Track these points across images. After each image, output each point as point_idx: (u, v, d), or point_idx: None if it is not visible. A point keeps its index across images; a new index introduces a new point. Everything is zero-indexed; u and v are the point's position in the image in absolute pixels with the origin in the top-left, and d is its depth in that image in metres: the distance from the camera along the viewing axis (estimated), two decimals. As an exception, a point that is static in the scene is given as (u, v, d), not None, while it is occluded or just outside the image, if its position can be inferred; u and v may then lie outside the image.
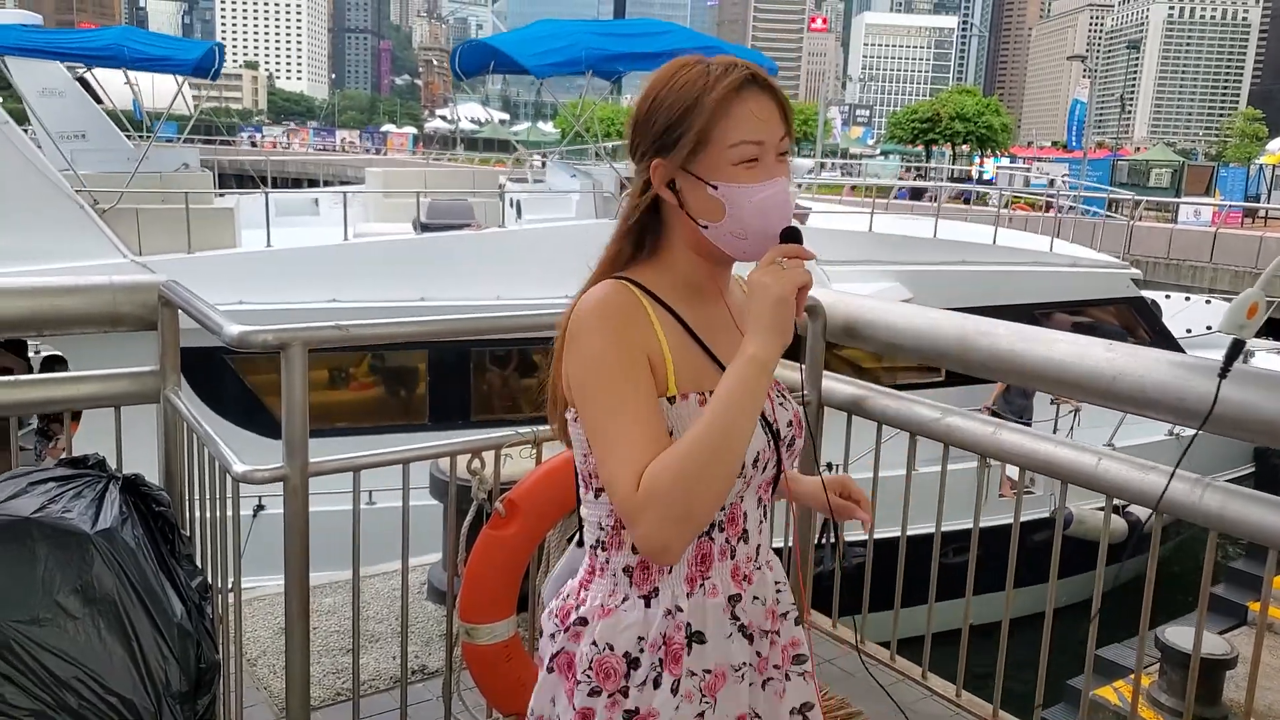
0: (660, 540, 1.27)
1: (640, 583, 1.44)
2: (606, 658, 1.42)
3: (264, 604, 3.81)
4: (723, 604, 1.46)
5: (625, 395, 1.32)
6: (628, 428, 1.31)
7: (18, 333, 2.93)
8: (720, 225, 1.38)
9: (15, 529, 2.15)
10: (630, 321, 1.37)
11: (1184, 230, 25.46)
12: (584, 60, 10.64)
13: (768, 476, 1.49)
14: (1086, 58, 69.19)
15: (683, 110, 1.36)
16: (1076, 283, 11.32)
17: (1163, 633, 4.46)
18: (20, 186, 7.87)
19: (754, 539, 1.50)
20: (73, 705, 2.12)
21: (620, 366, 1.34)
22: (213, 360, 7.04)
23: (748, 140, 1.36)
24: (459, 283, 8.39)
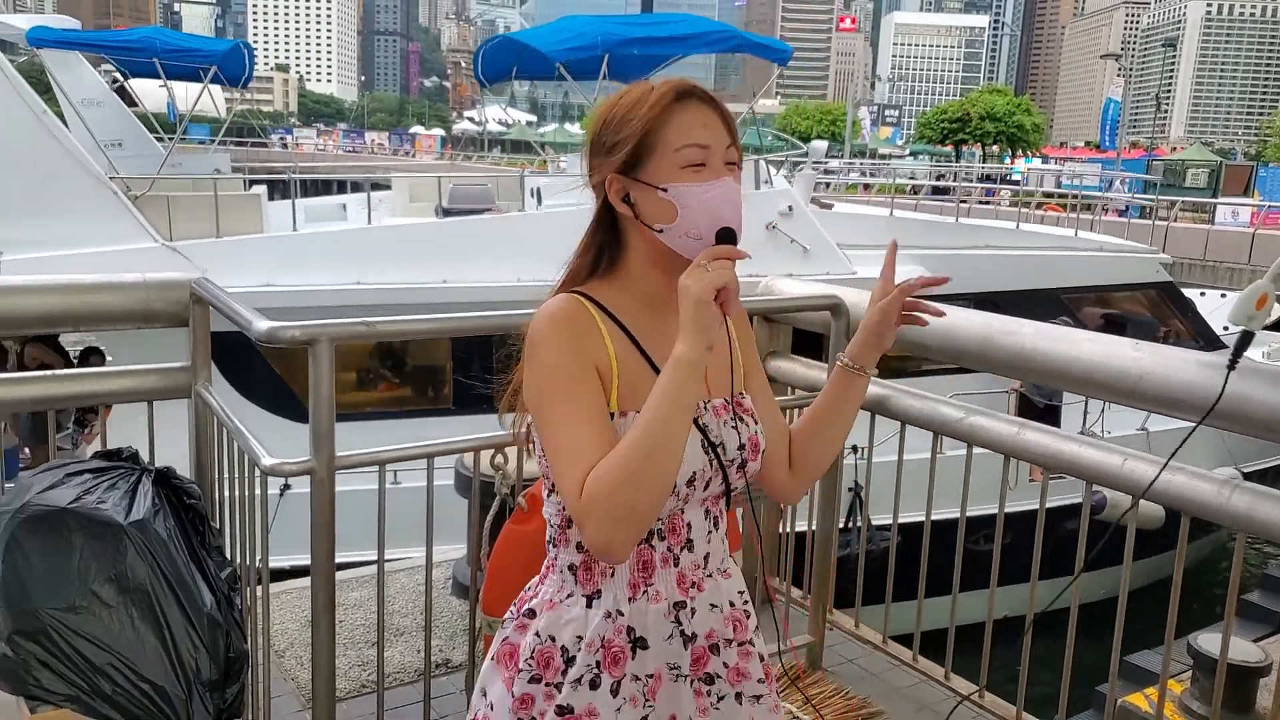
0: (604, 540, 1.32)
1: (584, 582, 1.49)
2: (548, 648, 1.47)
3: (291, 597, 3.87)
4: (665, 609, 1.48)
5: (573, 403, 1.38)
6: (575, 433, 1.36)
7: (54, 328, 3.00)
8: (674, 227, 1.42)
9: (53, 519, 2.20)
10: (580, 333, 1.43)
11: (1221, 231, 25.07)
12: (600, 45, 10.75)
13: (713, 493, 1.51)
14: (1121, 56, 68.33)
15: (630, 122, 1.43)
16: (1104, 267, 11.16)
17: (1195, 639, 4.41)
18: (57, 174, 8.07)
19: (700, 548, 1.52)
20: (107, 691, 2.17)
21: (569, 375, 1.40)
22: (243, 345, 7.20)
23: (692, 144, 1.42)
24: (480, 265, 8.51)
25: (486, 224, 9.55)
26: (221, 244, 8.54)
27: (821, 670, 3.36)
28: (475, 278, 8.36)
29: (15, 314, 2.72)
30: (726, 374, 1.54)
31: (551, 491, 1.51)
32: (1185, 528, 2.42)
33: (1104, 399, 2.58)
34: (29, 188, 7.94)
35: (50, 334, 8.85)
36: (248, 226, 9.33)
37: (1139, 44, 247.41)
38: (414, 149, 61.92)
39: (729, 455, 1.50)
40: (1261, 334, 12.17)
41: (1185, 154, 46.61)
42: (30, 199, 7.91)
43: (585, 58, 11.04)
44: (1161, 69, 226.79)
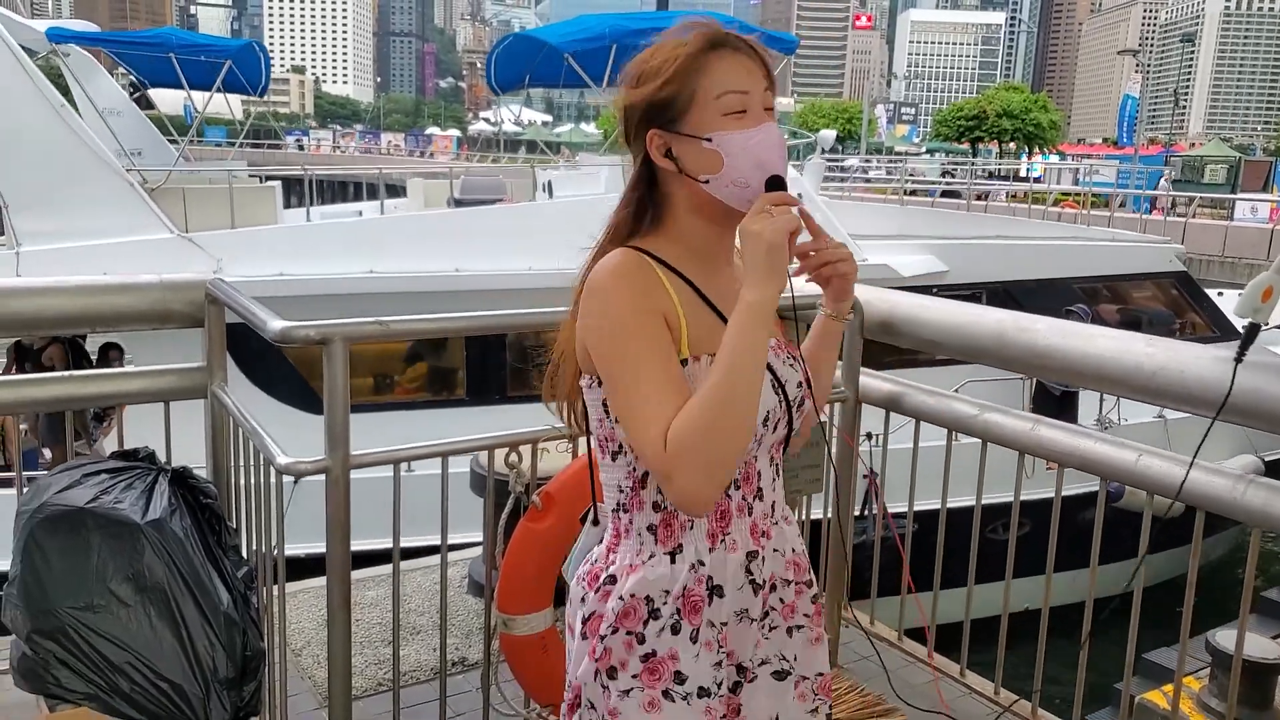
0: (693, 492, 1.32)
1: (664, 539, 1.48)
2: (631, 603, 1.48)
3: (308, 596, 3.89)
4: (741, 559, 1.50)
5: (645, 357, 1.37)
6: (651, 388, 1.35)
7: (71, 329, 3.04)
8: (720, 176, 1.42)
9: (70, 518, 2.23)
10: (646, 284, 1.42)
11: (1240, 227, 24.86)
12: (608, 35, 10.82)
13: (779, 436, 1.53)
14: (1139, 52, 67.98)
15: (668, 76, 1.42)
16: (1117, 257, 11.07)
17: (1213, 636, 4.39)
18: (74, 166, 8.14)
19: (769, 496, 1.54)
20: (125, 689, 2.20)
21: (639, 328, 1.38)
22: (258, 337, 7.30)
23: (732, 90, 1.41)
24: (491, 255, 8.54)
25: (498, 214, 9.60)
26: (236, 235, 8.62)
27: (837, 667, 3.35)
28: (487, 267, 8.39)
29: (34, 315, 2.75)
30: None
31: (616, 456, 1.50)
32: (1200, 523, 2.41)
33: (1118, 395, 2.57)
34: (47, 180, 8.01)
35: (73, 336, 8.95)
36: (262, 218, 9.43)
37: (1157, 39, 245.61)
38: (430, 150, 62.11)
39: (791, 395, 1.52)
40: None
41: (1204, 150, 46.27)
42: (48, 191, 7.99)
43: (594, 49, 11.07)
44: (1180, 64, 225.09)
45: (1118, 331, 2.60)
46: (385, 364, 8.83)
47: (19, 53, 8.07)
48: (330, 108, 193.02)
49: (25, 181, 7.99)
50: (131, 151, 12.44)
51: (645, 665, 1.46)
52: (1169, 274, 11.25)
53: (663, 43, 1.46)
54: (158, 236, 8.13)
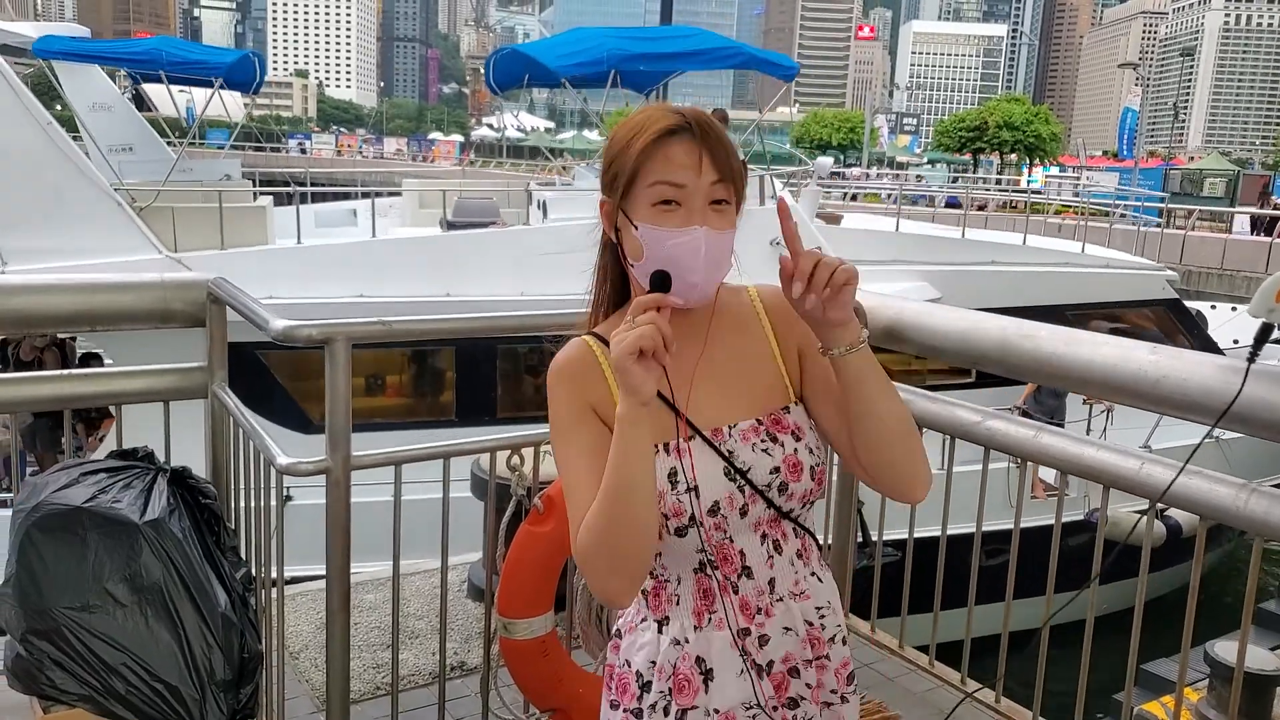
0: (601, 589, 1.36)
1: (654, 607, 1.50)
2: (624, 673, 1.50)
3: (306, 599, 3.87)
4: (729, 638, 1.46)
5: (570, 452, 1.42)
6: (573, 482, 1.40)
7: (72, 328, 3.02)
8: (641, 266, 1.39)
9: (67, 518, 2.21)
10: (577, 380, 1.44)
11: (1239, 240, 24.91)
12: (606, 61, 10.79)
13: (761, 517, 1.46)
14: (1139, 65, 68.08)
15: (619, 150, 1.41)
16: (1110, 284, 11.11)
17: (1212, 647, 4.37)
18: (62, 185, 8.13)
19: (762, 573, 1.47)
20: (120, 691, 2.18)
21: (566, 425, 1.43)
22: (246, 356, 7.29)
23: (664, 181, 1.36)
24: (484, 279, 8.54)
25: (491, 237, 9.59)
26: (225, 256, 8.56)
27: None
28: (479, 291, 8.38)
29: (35, 313, 2.74)
30: (761, 391, 1.49)
31: None
32: (1203, 533, 2.40)
33: (1122, 403, 2.55)
34: (34, 199, 7.99)
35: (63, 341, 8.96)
36: (253, 238, 9.37)
37: (1157, 53, 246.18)
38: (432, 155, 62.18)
39: (761, 480, 1.44)
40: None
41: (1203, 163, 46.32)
42: (35, 210, 7.96)
43: (592, 74, 11.07)
44: (1179, 78, 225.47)
45: (1121, 339, 2.59)
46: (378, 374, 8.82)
47: (6, 71, 8.05)
48: (333, 112, 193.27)
49: (12, 200, 7.96)
50: (122, 147, 12.36)
51: None
52: (1160, 301, 11.29)
53: (640, 113, 1.43)
54: (146, 257, 8.12)
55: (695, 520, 1.41)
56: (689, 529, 1.41)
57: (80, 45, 12.43)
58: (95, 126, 12.39)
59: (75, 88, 12.65)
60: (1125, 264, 11.67)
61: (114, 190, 8.64)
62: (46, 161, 8.09)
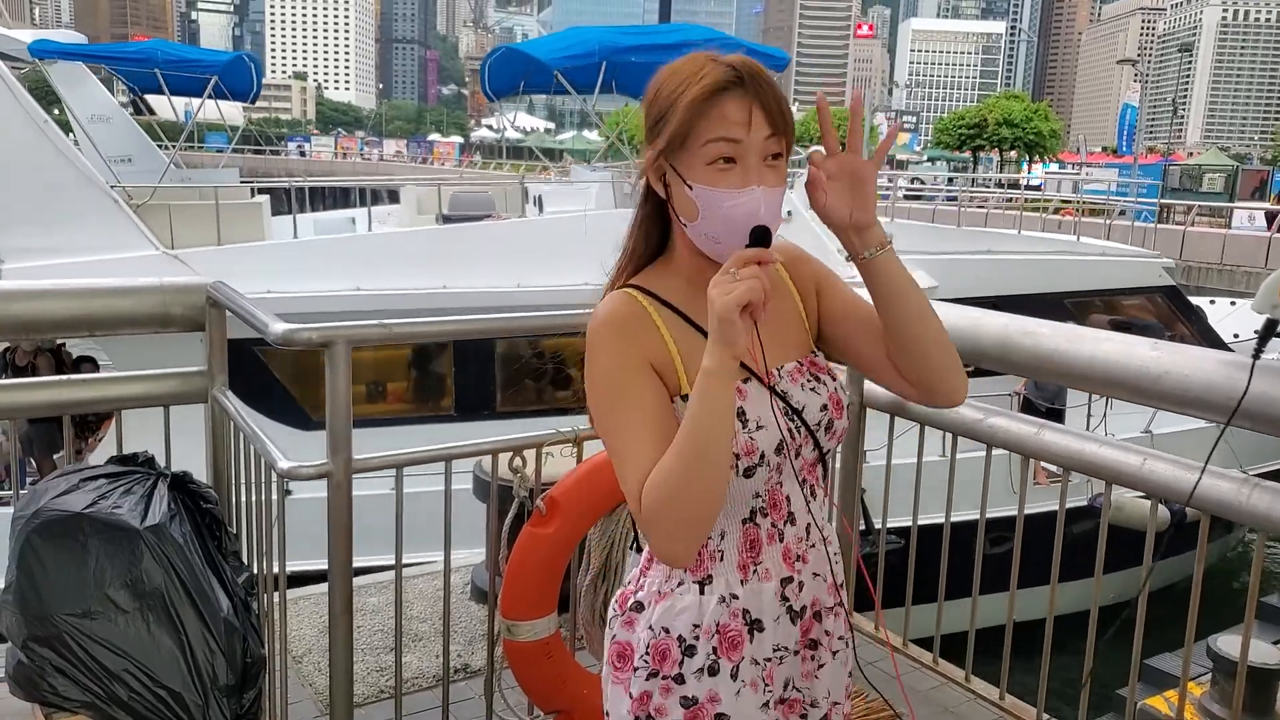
0: (668, 550, 1.32)
1: (694, 569, 1.45)
2: (663, 640, 1.44)
3: (309, 602, 3.86)
4: (775, 587, 1.47)
5: (627, 408, 1.36)
6: (630, 443, 1.34)
7: (72, 333, 3.02)
8: (696, 226, 1.38)
9: (67, 524, 2.21)
10: (630, 334, 1.39)
11: (1238, 235, 24.91)
12: (596, 53, 10.84)
13: (807, 460, 1.49)
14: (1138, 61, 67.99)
15: (669, 104, 1.35)
16: (1106, 271, 11.11)
17: (1214, 642, 4.37)
18: (58, 182, 8.12)
19: (802, 519, 1.50)
20: (122, 697, 2.18)
21: (621, 380, 1.37)
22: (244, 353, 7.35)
23: (720, 138, 1.32)
24: (480, 272, 8.52)
25: (486, 230, 9.60)
26: (222, 251, 8.59)
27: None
28: (475, 284, 8.37)
29: (35, 318, 2.73)
30: (800, 333, 1.52)
31: None
32: (1205, 527, 2.39)
33: (1124, 399, 2.55)
34: (30, 196, 7.98)
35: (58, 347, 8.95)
36: (249, 235, 9.40)
37: (1155, 49, 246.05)
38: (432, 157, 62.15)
39: (814, 419, 1.48)
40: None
41: (1201, 159, 46.31)
42: (31, 207, 7.96)
43: (583, 65, 11.07)
44: (1178, 74, 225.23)
45: (1122, 335, 2.58)
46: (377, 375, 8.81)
47: (2, 70, 8.06)
48: (332, 114, 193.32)
49: (9, 198, 7.95)
50: (120, 158, 12.38)
51: (686, 712, 1.43)
52: (1158, 288, 11.30)
53: (686, 64, 1.37)
54: (143, 253, 8.11)
55: (764, 459, 1.40)
56: (758, 467, 1.41)
57: (75, 47, 12.48)
58: (95, 138, 12.43)
59: (74, 99, 12.69)
60: (1122, 253, 11.69)
61: (110, 188, 8.64)
62: (43, 159, 8.08)
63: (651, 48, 11.23)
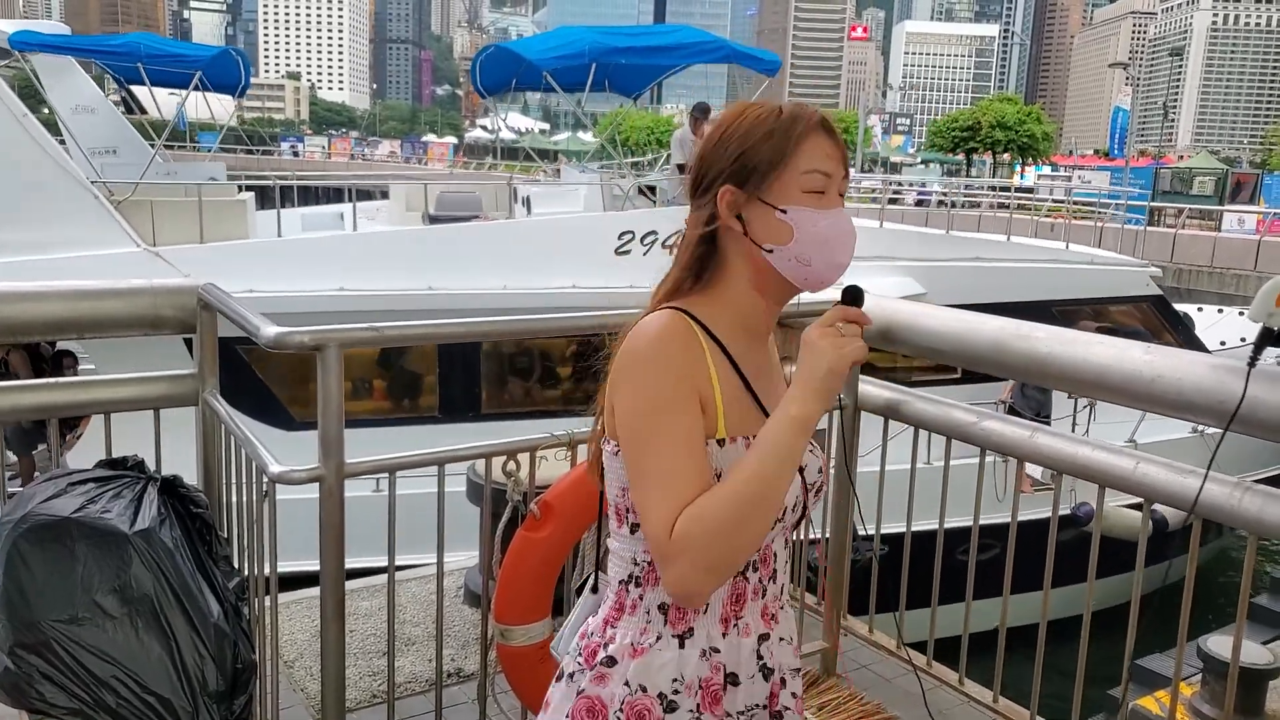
0: (690, 587, 1.29)
1: (675, 622, 1.43)
2: (640, 700, 1.40)
3: (300, 607, 3.84)
4: (753, 644, 1.46)
5: (672, 432, 1.32)
6: (671, 469, 1.30)
7: (60, 335, 2.99)
8: (787, 249, 1.40)
9: (55, 528, 2.18)
10: (686, 356, 1.36)
11: (1228, 238, 25.01)
12: (587, 54, 10.77)
13: (795, 519, 1.50)
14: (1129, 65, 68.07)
15: (759, 139, 1.40)
16: (1094, 280, 11.14)
17: (1205, 642, 4.38)
18: (37, 177, 7.99)
19: (781, 578, 1.52)
20: (110, 704, 2.15)
21: (670, 402, 1.33)
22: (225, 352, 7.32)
23: (819, 170, 1.40)
24: (466, 273, 8.44)
25: (473, 231, 9.53)
26: (205, 249, 8.46)
27: (836, 676, 3.33)
28: (461, 286, 8.30)
29: (23, 320, 2.70)
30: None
31: (635, 529, 1.43)
32: (1198, 530, 2.40)
33: (1117, 402, 2.55)
34: (8, 191, 7.86)
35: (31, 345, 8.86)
36: (233, 232, 9.30)
37: (1146, 53, 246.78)
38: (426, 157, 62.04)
39: (811, 479, 1.48)
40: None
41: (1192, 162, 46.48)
42: (10, 202, 7.83)
43: (573, 66, 11.04)
44: (1169, 78, 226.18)
45: (1116, 339, 2.59)
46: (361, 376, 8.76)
47: None
48: (326, 114, 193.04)
49: None
50: (106, 150, 12.25)
51: None
52: (1145, 297, 11.34)
53: (759, 104, 1.44)
54: (124, 250, 7.99)
55: (784, 514, 1.41)
56: (778, 522, 1.42)
57: (58, 39, 12.32)
58: (78, 129, 12.28)
59: (58, 90, 12.54)
60: (1109, 260, 11.73)
61: (92, 184, 8.56)
62: (21, 154, 7.95)
63: (642, 49, 11.21)
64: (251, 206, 10.35)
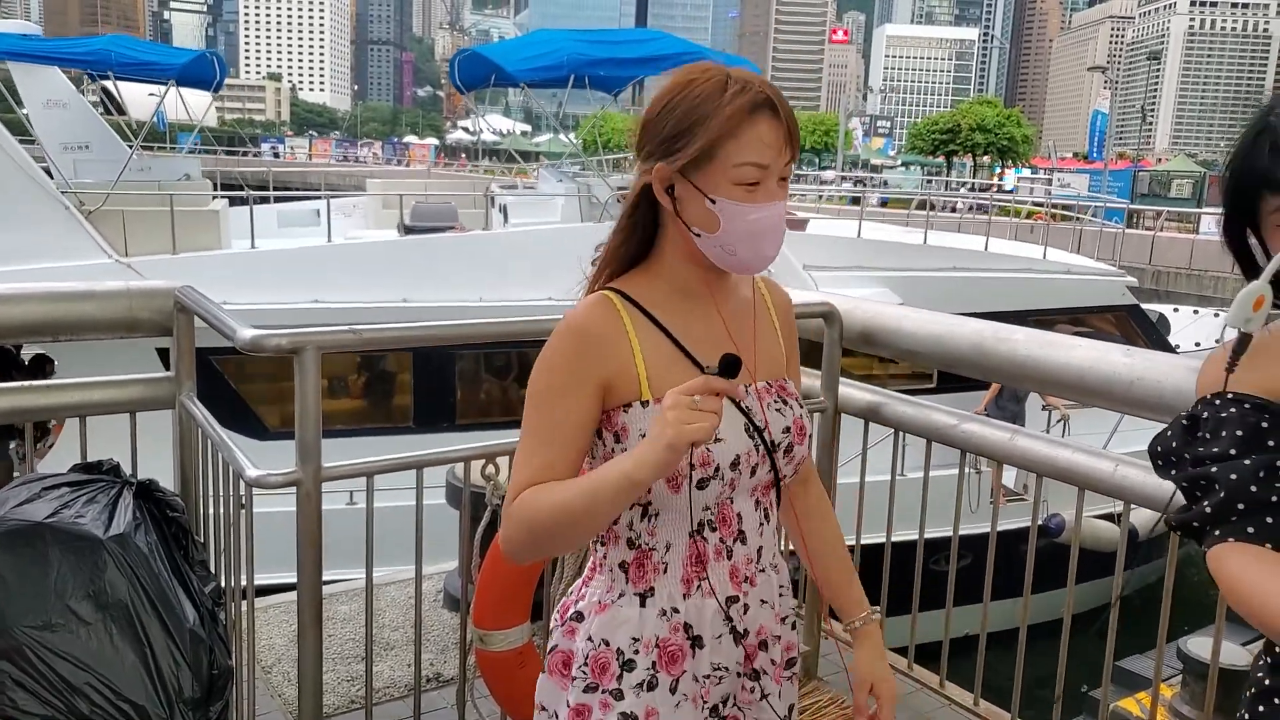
0: (510, 549, 1.40)
1: (636, 579, 1.45)
2: (602, 652, 1.44)
3: (278, 611, 3.81)
4: (717, 606, 1.45)
5: (549, 416, 1.40)
6: (536, 445, 1.39)
7: (33, 338, 2.96)
8: (713, 238, 1.39)
9: (28, 534, 2.16)
10: (588, 345, 1.40)
11: (1206, 241, 25.25)
12: (565, 65, 10.75)
13: (761, 480, 1.48)
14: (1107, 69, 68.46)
15: (693, 121, 1.35)
16: (1070, 289, 11.22)
17: (1185, 644, 4.41)
18: (5, 187, 7.84)
19: (753, 540, 1.49)
20: (84, 711, 2.13)
21: (556, 390, 1.40)
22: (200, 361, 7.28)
23: (752, 163, 1.35)
24: (442, 284, 8.40)
25: (448, 242, 9.49)
26: (177, 261, 8.33)
27: (816, 680, 3.33)
28: (437, 297, 8.23)
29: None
30: (774, 356, 1.55)
31: None
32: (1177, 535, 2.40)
33: (1096, 405, 2.57)
34: None
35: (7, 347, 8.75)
36: (206, 243, 9.18)
37: (1124, 57, 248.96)
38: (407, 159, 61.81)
39: (775, 438, 1.47)
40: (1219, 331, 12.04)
41: (1170, 165, 46.87)
42: None
43: (550, 78, 11.02)
44: (1146, 82, 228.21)
45: (1096, 342, 2.60)
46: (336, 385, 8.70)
47: None
48: (307, 115, 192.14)
49: None
50: (79, 145, 12.09)
51: None
52: (1120, 307, 11.43)
53: (706, 80, 1.37)
54: (95, 262, 7.84)
55: (719, 472, 1.40)
56: (712, 480, 1.40)
57: (28, 44, 12.18)
58: (49, 124, 12.12)
59: (30, 86, 12.38)
60: (1086, 270, 11.81)
61: (62, 194, 8.42)
62: None
63: (620, 61, 11.18)
64: (225, 215, 10.24)
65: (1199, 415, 1.24)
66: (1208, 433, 1.22)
